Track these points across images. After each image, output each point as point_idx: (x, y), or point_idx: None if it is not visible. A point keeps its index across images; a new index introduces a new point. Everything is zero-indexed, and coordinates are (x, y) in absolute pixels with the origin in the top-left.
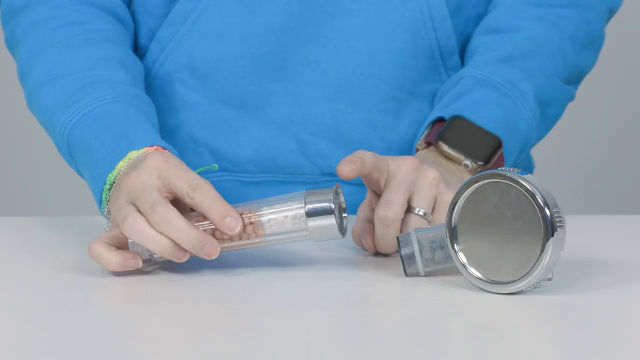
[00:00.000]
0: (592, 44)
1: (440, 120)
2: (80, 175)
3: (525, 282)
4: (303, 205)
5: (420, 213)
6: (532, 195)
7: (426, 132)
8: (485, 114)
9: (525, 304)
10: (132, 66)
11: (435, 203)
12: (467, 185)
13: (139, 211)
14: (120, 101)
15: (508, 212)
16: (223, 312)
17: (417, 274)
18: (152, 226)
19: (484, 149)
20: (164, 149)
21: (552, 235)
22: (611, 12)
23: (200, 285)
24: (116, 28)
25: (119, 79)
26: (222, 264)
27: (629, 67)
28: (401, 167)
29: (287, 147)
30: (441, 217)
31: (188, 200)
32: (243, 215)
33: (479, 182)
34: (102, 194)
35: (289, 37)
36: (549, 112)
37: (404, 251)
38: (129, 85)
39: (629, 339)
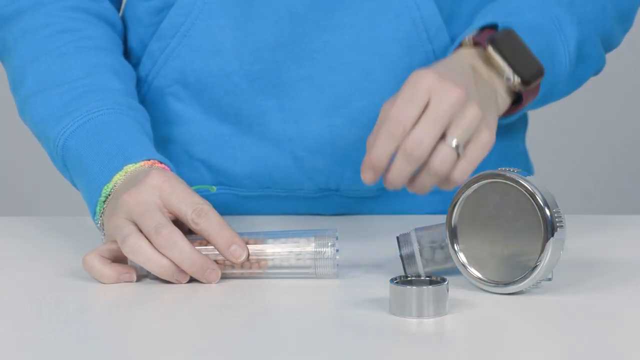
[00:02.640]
0: (625, 20)
1: (491, 27)
2: (74, 185)
3: (525, 282)
4: (309, 243)
5: (453, 144)
6: (532, 196)
7: (475, 32)
8: (535, 39)
9: (525, 304)
10: (124, 74)
11: (470, 139)
12: (467, 185)
13: (140, 230)
14: (116, 112)
15: (508, 212)
16: (223, 312)
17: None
18: (154, 247)
19: (530, 69)
20: (161, 162)
21: (552, 236)
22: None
23: (200, 285)
24: (108, 34)
25: (113, 88)
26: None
27: (630, 68)
28: (444, 99)
29: (284, 164)
30: (474, 154)
31: (192, 226)
32: (247, 245)
33: (479, 182)
34: (96, 205)
35: (282, 53)
36: (579, 70)
37: (403, 251)
38: (123, 94)
39: (629, 339)
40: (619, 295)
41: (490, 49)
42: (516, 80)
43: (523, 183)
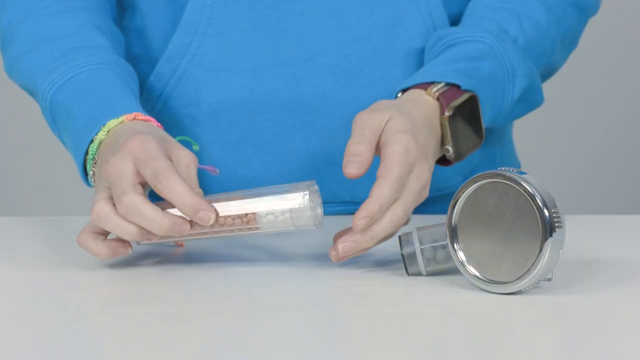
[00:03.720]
0: (571, 45)
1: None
2: (62, 141)
3: (524, 282)
4: (284, 196)
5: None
6: (531, 196)
7: (443, 88)
8: (486, 88)
9: (525, 304)
10: (111, 34)
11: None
12: (467, 185)
13: (112, 199)
14: (104, 68)
15: (507, 212)
16: (223, 313)
17: (419, 274)
18: (120, 215)
19: (469, 146)
20: (144, 116)
21: (551, 236)
22: (589, 17)
23: (199, 285)
24: (97, 0)
25: (101, 45)
26: (222, 264)
27: (630, 68)
28: (421, 178)
29: (308, 180)
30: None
31: (157, 192)
32: (230, 201)
33: (478, 182)
34: (84, 164)
35: (302, 68)
36: (517, 109)
37: (405, 250)
38: (111, 52)
39: (629, 339)
40: (618, 295)
41: (446, 120)
42: (452, 155)
43: (522, 183)
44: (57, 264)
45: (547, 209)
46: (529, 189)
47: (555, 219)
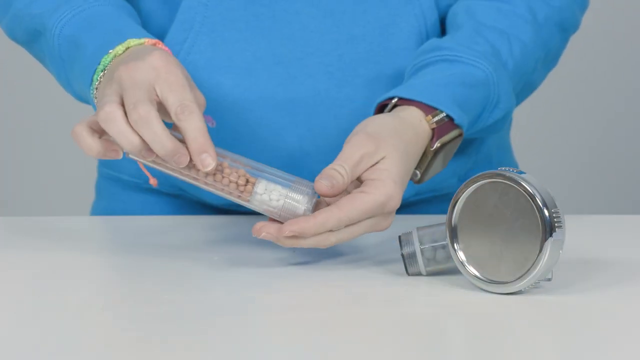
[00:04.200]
0: (552, 62)
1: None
2: (70, 86)
3: (524, 282)
4: (289, 186)
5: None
6: (531, 196)
7: (442, 120)
8: (470, 114)
9: (525, 304)
10: None
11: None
12: (467, 185)
13: (122, 105)
14: (111, 5)
15: (507, 212)
16: (222, 313)
17: (419, 274)
18: (128, 122)
19: (431, 175)
20: (166, 47)
21: (551, 236)
22: (570, 36)
23: (199, 285)
24: None
25: None
26: (222, 263)
27: (630, 68)
28: (384, 224)
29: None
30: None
31: (174, 119)
32: (234, 163)
33: (478, 182)
34: (94, 74)
35: (296, 67)
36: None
37: (405, 250)
38: None
39: (629, 339)
40: (618, 295)
41: (430, 153)
42: (416, 178)
43: (522, 183)
44: (57, 264)
45: (547, 209)
46: (529, 189)
47: (555, 219)
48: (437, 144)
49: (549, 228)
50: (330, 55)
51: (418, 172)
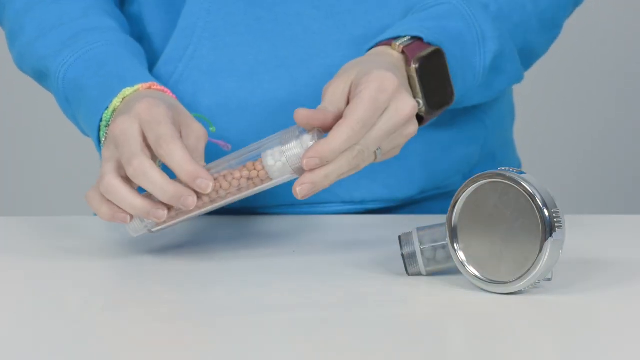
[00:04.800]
0: (552, 29)
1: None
2: (76, 123)
3: (524, 282)
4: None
5: (377, 151)
6: (531, 196)
7: (407, 42)
8: (454, 49)
9: (525, 304)
10: (116, 17)
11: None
12: (467, 185)
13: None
14: (114, 44)
15: (507, 212)
16: (223, 312)
17: (419, 274)
18: (130, 187)
19: (440, 99)
20: (160, 86)
21: (551, 236)
22: (576, 5)
23: (199, 285)
24: None
25: (109, 26)
26: (222, 263)
27: (631, 68)
28: (400, 112)
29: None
30: (381, 158)
31: (158, 156)
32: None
33: (478, 182)
34: (98, 131)
35: (300, 70)
36: (494, 82)
37: (405, 250)
38: (119, 31)
39: (629, 339)
40: (618, 295)
41: (413, 71)
42: (423, 108)
43: (522, 183)
44: (57, 264)
45: (547, 209)
46: (529, 189)
47: (555, 219)
48: (414, 64)
49: (549, 228)
50: (333, 57)
51: (419, 100)
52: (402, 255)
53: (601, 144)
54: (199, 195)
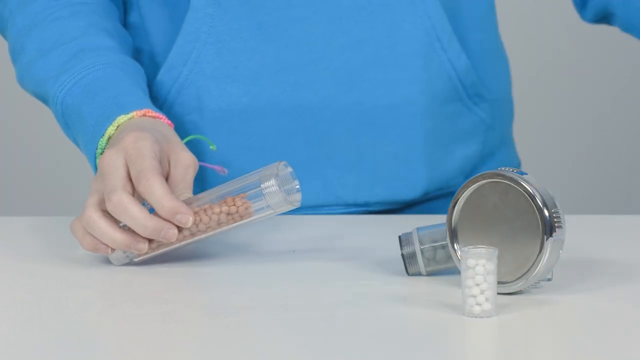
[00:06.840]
0: None
1: None
2: (77, 144)
3: (524, 282)
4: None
5: None
6: (531, 196)
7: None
8: None
9: (524, 304)
10: (118, 36)
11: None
12: (467, 185)
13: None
14: (110, 67)
15: (507, 212)
16: (222, 312)
17: (419, 274)
18: (110, 221)
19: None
20: (155, 112)
21: (551, 236)
22: None
23: (199, 285)
24: (103, 3)
25: (107, 46)
26: (221, 264)
27: (631, 67)
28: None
29: (311, 184)
30: None
31: (138, 192)
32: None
33: (478, 182)
34: (95, 159)
35: (302, 74)
36: None
37: (405, 250)
38: (117, 52)
39: (629, 339)
40: (618, 295)
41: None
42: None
43: (522, 183)
44: (57, 264)
45: (547, 209)
46: (529, 189)
47: (555, 219)
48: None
49: (549, 228)
50: (336, 61)
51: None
52: (402, 255)
53: (601, 144)
54: (179, 228)
